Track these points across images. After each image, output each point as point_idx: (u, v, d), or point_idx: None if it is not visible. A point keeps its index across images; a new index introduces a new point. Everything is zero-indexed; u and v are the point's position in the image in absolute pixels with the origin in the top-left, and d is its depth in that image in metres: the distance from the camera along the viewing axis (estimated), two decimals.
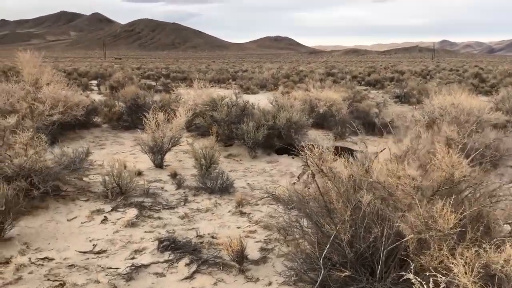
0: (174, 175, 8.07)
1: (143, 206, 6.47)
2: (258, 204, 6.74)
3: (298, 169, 8.76)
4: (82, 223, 5.90)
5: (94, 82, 33.55)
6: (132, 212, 6.16)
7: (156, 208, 6.47)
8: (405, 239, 3.70)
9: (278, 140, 10.44)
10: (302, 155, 4.45)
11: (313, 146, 4.34)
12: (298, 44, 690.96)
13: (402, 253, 3.88)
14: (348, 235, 3.95)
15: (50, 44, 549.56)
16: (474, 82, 31.40)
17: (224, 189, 7.24)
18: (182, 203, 6.77)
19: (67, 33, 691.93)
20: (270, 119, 10.48)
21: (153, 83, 31.55)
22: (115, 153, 10.38)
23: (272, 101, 12.31)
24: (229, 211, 6.49)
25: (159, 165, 8.80)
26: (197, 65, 70.96)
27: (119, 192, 6.78)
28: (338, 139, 11.86)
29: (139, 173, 8.26)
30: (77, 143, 11.21)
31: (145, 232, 5.65)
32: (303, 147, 4.79)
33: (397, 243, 3.83)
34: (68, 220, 5.96)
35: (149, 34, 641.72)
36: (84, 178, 7.69)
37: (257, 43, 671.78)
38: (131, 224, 5.78)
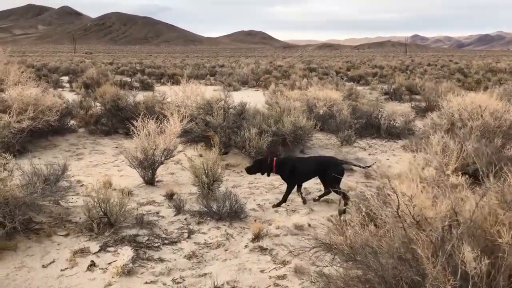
0: (170, 196, 6.77)
1: (138, 242, 5.17)
2: (278, 236, 5.53)
3: (312, 186, 7.59)
4: (62, 270, 4.58)
5: (66, 78, 31.62)
6: (126, 253, 4.87)
7: (155, 244, 5.18)
8: None
9: (282, 148, 9.24)
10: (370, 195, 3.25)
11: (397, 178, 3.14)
12: (271, 38, 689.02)
13: None
14: None
15: (17, 38, 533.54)
16: (460, 78, 30.81)
17: (234, 214, 6.00)
18: (186, 235, 5.50)
19: (35, 26, 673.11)
20: (273, 124, 9.26)
21: (128, 79, 29.90)
22: (96, 165, 9.02)
23: (272, 102, 11.07)
24: (246, 246, 5.26)
25: (150, 181, 7.49)
26: (171, 60, 69.01)
27: (107, 223, 5.48)
28: (344, 144, 10.72)
29: (128, 193, 6.95)
30: (50, 152, 9.79)
31: (146, 283, 4.36)
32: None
33: None
34: (43, 266, 4.63)
35: (120, 28, 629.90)
36: (61, 202, 6.35)
37: (231, 37, 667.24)
38: (127, 272, 4.48)
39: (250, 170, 6.90)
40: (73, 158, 9.45)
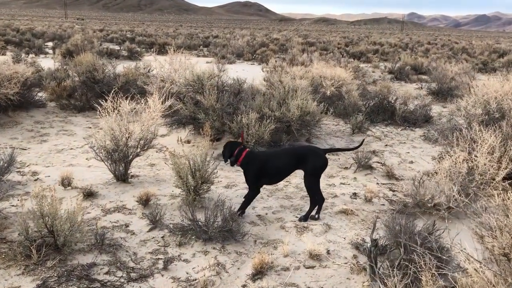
0: (145, 200, 5.26)
1: (92, 279, 3.67)
2: (288, 269, 4.06)
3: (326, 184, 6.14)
4: None
5: (51, 44, 29.64)
6: None
7: (117, 282, 3.69)
8: None
9: (287, 137, 7.72)
10: None
11: None
12: (267, 10, 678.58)
13: None
14: None
15: (7, 1, 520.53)
16: (466, 58, 29.23)
17: (228, 233, 4.51)
18: (161, 265, 4.02)
19: None
20: (276, 108, 7.71)
21: (117, 48, 28.00)
22: (61, 150, 7.47)
23: (273, 80, 9.48)
24: (244, 287, 3.79)
25: (122, 177, 5.96)
26: (164, 29, 66.43)
27: (52, 245, 3.97)
28: (356, 132, 9.22)
29: (90, 194, 5.43)
30: (8, 132, 8.22)
31: None
32: None
33: None
34: None
35: None
36: (2, 204, 4.85)
37: (226, 8, 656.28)
38: None
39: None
40: (35, 140, 7.89)
